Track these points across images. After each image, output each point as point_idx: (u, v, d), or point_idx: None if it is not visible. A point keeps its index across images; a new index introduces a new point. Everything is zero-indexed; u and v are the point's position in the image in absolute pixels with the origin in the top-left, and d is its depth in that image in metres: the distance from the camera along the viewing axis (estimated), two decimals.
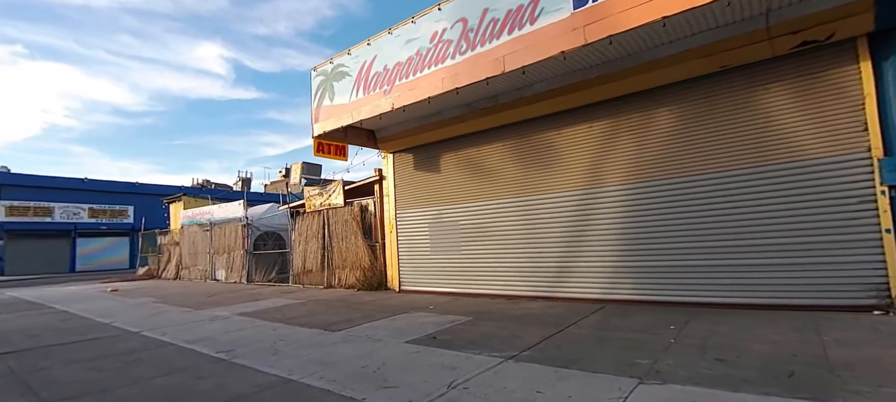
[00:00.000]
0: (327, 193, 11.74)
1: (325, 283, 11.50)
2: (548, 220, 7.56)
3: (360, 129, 9.86)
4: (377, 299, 8.85)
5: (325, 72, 8.83)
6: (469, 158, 8.75)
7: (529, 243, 7.77)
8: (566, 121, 7.34)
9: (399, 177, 10.12)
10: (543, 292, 7.54)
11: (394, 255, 10.08)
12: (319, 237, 11.93)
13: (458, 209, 8.89)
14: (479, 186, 8.54)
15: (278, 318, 7.20)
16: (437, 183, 9.31)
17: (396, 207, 10.10)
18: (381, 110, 7.60)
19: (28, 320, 8.20)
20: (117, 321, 7.59)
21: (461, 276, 8.72)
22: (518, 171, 7.98)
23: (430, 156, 9.47)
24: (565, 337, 4.96)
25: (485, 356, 4.37)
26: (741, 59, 5.60)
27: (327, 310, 7.75)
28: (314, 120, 9.12)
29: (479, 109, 8.14)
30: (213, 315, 7.81)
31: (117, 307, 9.61)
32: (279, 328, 6.32)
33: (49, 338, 6.40)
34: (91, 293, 13.26)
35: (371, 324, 6.34)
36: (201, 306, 9.19)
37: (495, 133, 8.25)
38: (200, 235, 16.71)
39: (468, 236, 8.66)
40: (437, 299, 8.38)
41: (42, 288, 16.21)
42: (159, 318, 7.82)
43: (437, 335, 5.36)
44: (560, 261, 7.39)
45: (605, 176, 6.96)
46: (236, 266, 14.73)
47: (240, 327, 6.55)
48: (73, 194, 32.22)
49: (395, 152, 10.15)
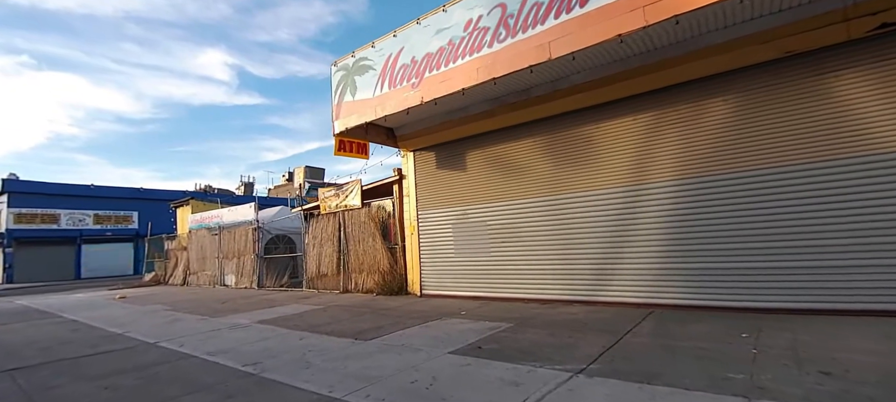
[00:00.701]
0: (344, 194, 11.32)
1: (341, 288, 11.06)
2: (585, 219, 7.10)
3: (380, 126, 9.45)
4: (401, 304, 8.40)
5: (347, 66, 8.42)
6: (497, 156, 8.31)
7: (564, 244, 7.31)
8: (606, 114, 6.89)
9: (420, 176, 9.69)
10: (581, 295, 7.07)
11: (415, 258, 9.63)
12: (335, 240, 11.50)
13: (484, 209, 8.45)
14: (508, 185, 8.10)
15: (301, 326, 6.76)
16: (462, 182, 8.87)
17: (418, 207, 9.66)
18: (408, 104, 7.18)
19: (38, 331, 7.80)
20: (131, 331, 7.16)
21: (489, 279, 8.27)
22: (551, 168, 7.54)
23: (453, 154, 9.03)
24: (627, 347, 4.50)
25: (547, 369, 3.91)
26: (809, 44, 5.14)
27: (352, 317, 7.31)
28: (335, 117, 8.71)
29: (509, 103, 7.71)
30: (232, 323, 7.37)
31: (128, 316, 9.20)
32: (306, 338, 5.88)
33: (60, 351, 5.98)
34: (99, 301, 12.87)
35: (403, 332, 5.89)
36: (216, 313, 8.76)
37: (526, 128, 7.81)
38: (209, 239, 16.32)
39: (496, 237, 8.21)
40: (465, 303, 7.93)
41: (50, 296, 15.84)
42: (174, 327, 7.39)
43: (481, 345, 4.90)
44: (599, 263, 6.93)
45: (650, 172, 6.50)
46: (246, 271, 14.31)
47: (263, 337, 6.11)
48: (79, 201, 31.98)
49: (416, 151, 9.73)
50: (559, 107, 7.20)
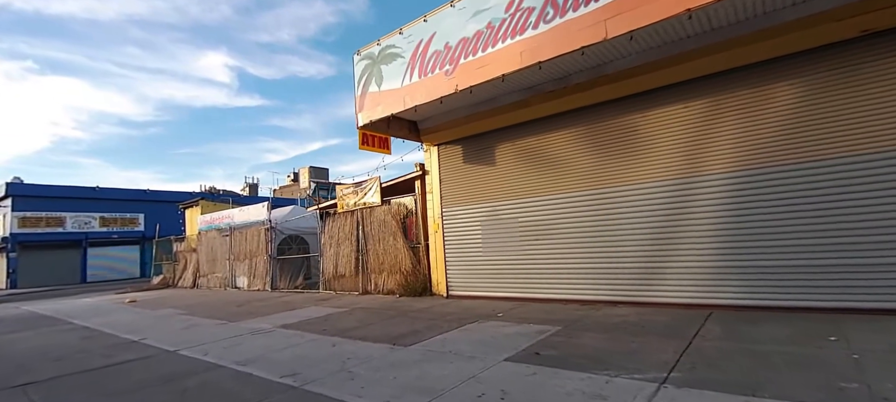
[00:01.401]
0: (362, 192, 10.90)
1: (360, 289, 10.64)
2: (630, 214, 6.67)
3: (403, 120, 9.02)
4: (428, 306, 7.98)
5: (371, 55, 8.00)
6: (530, 148, 7.88)
7: (607, 241, 6.88)
8: (654, 101, 6.45)
9: (445, 171, 9.26)
10: (625, 296, 6.64)
11: (439, 257, 9.21)
12: (353, 239, 11.09)
13: (516, 205, 8.01)
14: (543, 179, 7.67)
15: (329, 330, 6.34)
16: (491, 177, 8.44)
17: (442, 204, 9.24)
18: (441, 93, 6.75)
19: (48, 339, 7.40)
20: (148, 338, 6.76)
21: (522, 279, 7.84)
22: (592, 160, 7.10)
23: (482, 147, 8.60)
24: (703, 352, 4.06)
25: (625, 378, 3.49)
26: (891, 21, 4.70)
27: (381, 320, 6.89)
28: (358, 109, 8.29)
29: (546, 92, 7.27)
30: (253, 328, 6.96)
31: (142, 321, 8.80)
32: (340, 344, 5.46)
33: (75, 362, 5.57)
34: (108, 306, 12.48)
35: (443, 336, 5.47)
36: (234, 317, 8.36)
37: (564, 119, 7.38)
38: (219, 240, 15.92)
39: (530, 235, 7.78)
40: (498, 305, 7.50)
41: (56, 301, 15.47)
42: (193, 333, 6.98)
43: (538, 351, 4.47)
44: (645, 261, 6.50)
45: (703, 163, 6.06)
46: (259, 273, 13.91)
47: (291, 343, 5.70)
48: (85, 204, 31.64)
49: (440, 145, 9.30)
50: (602, 95, 6.76)
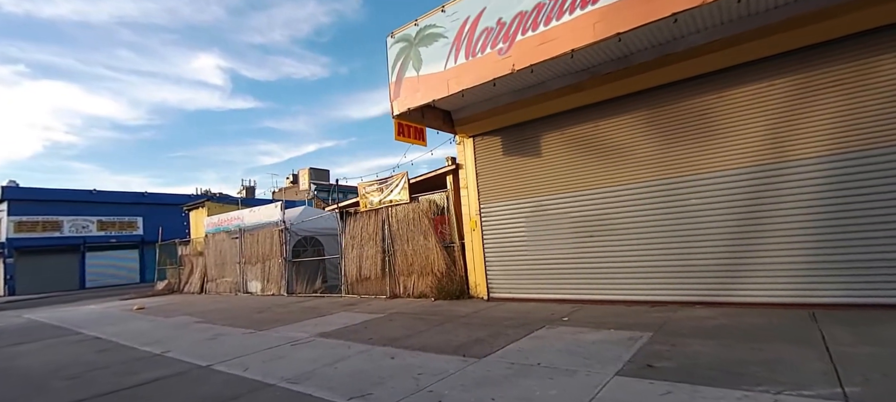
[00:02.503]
0: (388, 189, 10.23)
1: (387, 293, 9.97)
2: (704, 206, 6.04)
3: (436, 109, 8.37)
4: (473, 310, 7.32)
5: (408, 37, 7.33)
6: (583, 136, 7.24)
7: (677, 236, 6.25)
8: (731, 80, 5.83)
9: (482, 165, 8.60)
10: (702, 296, 6.01)
11: (477, 257, 8.55)
12: (378, 240, 10.40)
13: (567, 199, 7.37)
14: (599, 170, 7.03)
15: (376, 339, 5.67)
16: (536, 169, 7.79)
17: (479, 200, 8.58)
18: (494, 74, 6.10)
19: (58, 353, 6.67)
20: (171, 351, 6.06)
21: (576, 279, 7.19)
22: (657, 148, 6.47)
23: (525, 137, 7.95)
24: (856, 360, 3.43)
25: (794, 396, 2.85)
26: None
27: (429, 327, 6.22)
28: (393, 97, 7.62)
29: (602, 74, 6.64)
30: (287, 338, 6.27)
31: (159, 331, 8.08)
32: (397, 355, 4.79)
33: (94, 379, 4.87)
34: (116, 313, 11.73)
35: (516, 346, 4.81)
36: (260, 325, 7.66)
37: (622, 103, 6.75)
38: (229, 243, 15.18)
39: (584, 231, 7.14)
40: (552, 308, 6.85)
41: (58, 308, 14.67)
42: (222, 344, 6.29)
43: (650, 363, 3.82)
44: (726, 257, 5.87)
45: (795, 147, 5.44)
46: (273, 276, 13.19)
47: (340, 355, 5.02)
48: (82, 207, 30.76)
49: (477, 136, 8.64)
50: (670, 74, 6.14)
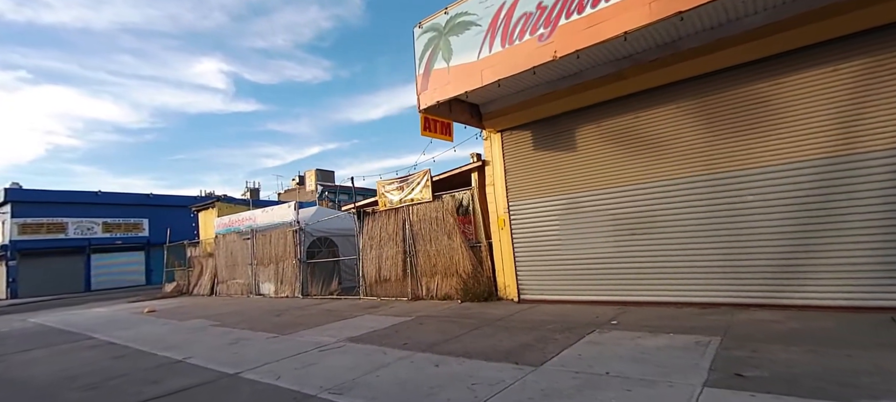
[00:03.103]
0: (409, 187, 9.86)
1: (409, 294, 9.60)
2: (762, 201, 5.66)
3: (463, 103, 8.00)
4: (507, 312, 6.95)
5: (437, 27, 6.97)
6: (622, 129, 6.86)
7: (730, 234, 5.87)
8: (791, 65, 5.46)
9: (511, 160, 8.24)
10: (759, 297, 5.63)
11: (506, 257, 8.18)
12: (398, 240, 10.04)
13: (605, 195, 7.00)
14: (640, 164, 6.65)
15: (413, 345, 5.29)
16: (571, 164, 7.42)
17: (508, 197, 8.21)
18: (534, 62, 5.73)
19: (71, 360, 6.31)
20: (193, 357, 5.69)
21: (616, 280, 6.81)
22: (705, 140, 6.09)
23: (558, 131, 7.59)
24: None
25: None
26: None
27: (464, 330, 5.84)
28: (420, 89, 7.26)
29: (646, 62, 6.26)
30: (315, 342, 5.91)
31: (175, 335, 7.72)
32: (444, 363, 4.42)
33: (115, 390, 4.51)
34: (126, 317, 11.38)
35: (572, 352, 4.43)
36: (281, 328, 7.29)
37: (667, 92, 6.38)
38: (240, 244, 14.83)
39: (626, 229, 6.76)
40: (592, 310, 6.48)
41: (65, 311, 14.34)
42: (245, 349, 5.92)
43: (738, 371, 3.44)
44: (786, 256, 5.49)
45: (866, 136, 5.06)
46: (287, 278, 12.83)
47: (378, 362, 4.65)
48: (87, 209, 30.51)
49: (505, 131, 8.28)
50: (721, 61, 5.77)
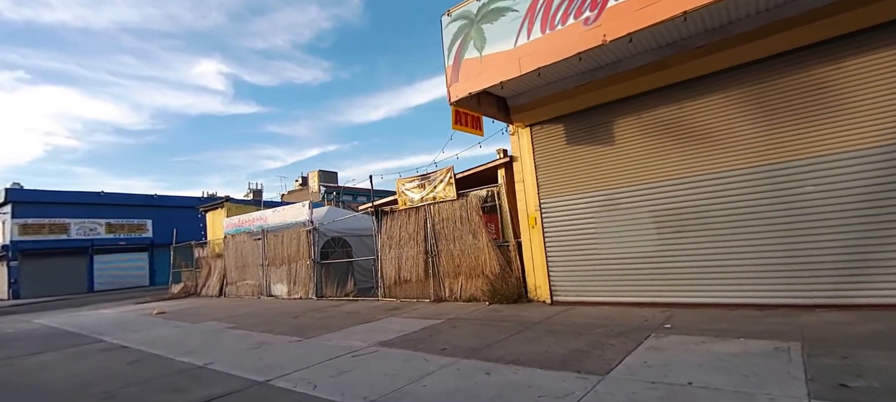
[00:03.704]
0: (431, 185, 9.50)
1: (431, 296, 9.22)
2: (825, 193, 5.29)
3: (491, 96, 7.65)
4: (544, 315, 6.57)
5: (468, 14, 6.61)
6: (665, 120, 6.50)
7: (790, 229, 5.49)
8: (854, 47, 5.09)
9: (542, 156, 7.87)
10: (823, 297, 5.25)
11: (537, 257, 7.80)
12: (419, 240, 9.67)
13: (647, 191, 6.63)
14: (686, 156, 6.29)
15: (451, 350, 4.92)
16: (608, 158, 7.05)
17: (539, 194, 7.84)
18: (581, 48, 5.37)
19: (83, 364, 5.94)
20: (215, 362, 5.32)
21: (663, 280, 6.43)
22: (758, 129, 5.73)
23: (594, 124, 7.22)
24: None
25: None
26: None
27: (504, 334, 5.47)
28: (450, 81, 6.90)
29: (692, 48, 5.92)
30: (344, 347, 5.53)
31: (189, 337, 7.34)
32: (495, 371, 4.04)
33: (134, 400, 4.14)
34: (134, 318, 11.01)
35: (634, 359, 4.06)
36: (303, 331, 6.92)
37: (715, 80, 6.01)
38: (250, 244, 14.47)
39: (670, 226, 6.39)
40: (641, 312, 6.11)
41: (70, 313, 13.97)
42: (270, 354, 5.55)
43: (842, 382, 3.07)
44: (854, 252, 5.11)
45: None
46: (301, 279, 12.46)
47: (420, 369, 4.27)
48: (89, 209, 30.18)
49: (534, 125, 7.92)
50: (775, 45, 5.41)
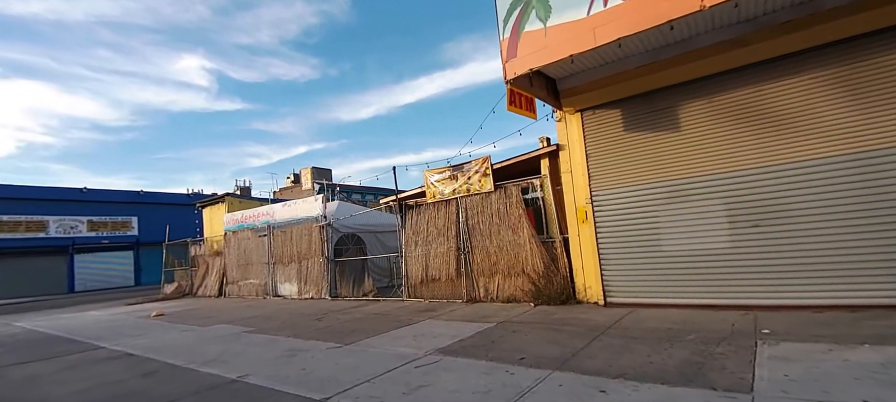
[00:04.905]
0: (464, 176, 8.80)
1: (463, 296, 8.54)
2: None
3: (542, 76, 7.02)
4: (609, 319, 5.95)
5: None
6: (741, 103, 5.94)
7: (887, 223, 4.98)
8: None
9: (594, 144, 7.26)
10: None
11: (588, 254, 7.19)
12: (450, 236, 8.98)
13: (720, 181, 6.06)
14: (764, 144, 5.74)
15: (533, 361, 4.26)
16: (674, 145, 6.47)
17: (591, 186, 7.23)
18: (674, 14, 4.73)
19: (87, 377, 5.09)
20: (250, 375, 4.54)
21: (737, 279, 5.87)
22: (853, 114, 5.20)
23: (656, 108, 6.64)
24: None
25: None
26: None
27: (584, 342, 4.82)
28: (505, 57, 6.24)
29: (777, 24, 5.37)
30: (396, 355, 4.81)
31: (205, 344, 6.50)
32: (612, 390, 3.39)
33: None
34: (132, 321, 10.04)
35: (767, 371, 3.46)
36: (338, 336, 6.15)
37: (799, 60, 5.48)
38: (255, 241, 13.55)
39: (747, 219, 5.83)
40: (718, 316, 5.53)
41: (54, 314, 12.84)
42: (310, 364, 4.79)
43: None
44: None
45: None
46: (312, 278, 11.62)
47: (514, 387, 3.60)
48: (70, 206, 28.56)
49: (586, 110, 7.31)
50: (873, 21, 4.90)
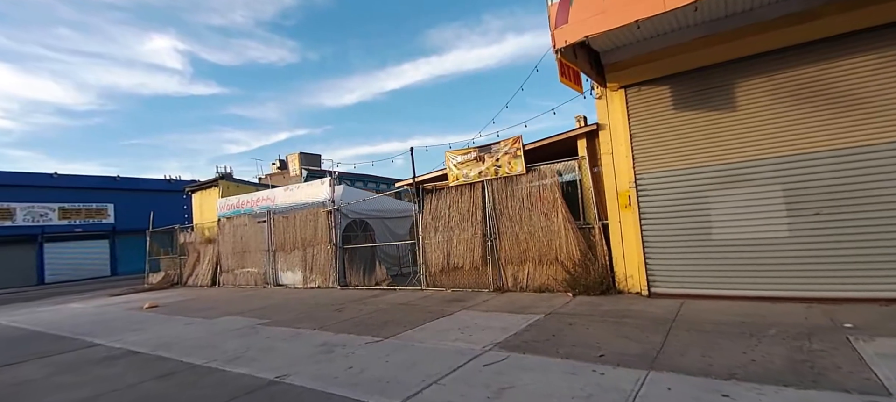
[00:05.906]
0: (492, 157, 8.27)
1: (490, 285, 8.07)
2: None
3: (585, 48, 6.52)
4: (665, 312, 5.57)
5: None
6: (805, 82, 5.59)
7: None
8: None
9: (639, 123, 6.83)
10: None
11: (630, 242, 6.80)
12: (475, 221, 8.46)
13: (779, 165, 5.72)
14: (829, 125, 5.39)
15: (615, 358, 3.83)
16: (728, 125, 6.09)
17: (635, 168, 6.81)
18: None
19: (89, 379, 4.40)
20: (289, 374, 3.96)
21: (798, 270, 5.54)
22: None
23: (709, 85, 6.24)
24: None
25: None
26: None
27: (659, 337, 4.41)
28: (554, 24, 5.70)
29: None
30: (453, 350, 4.30)
31: (217, 338, 5.84)
32: (733, 393, 2.96)
33: None
34: (123, 314, 9.21)
35: (889, 370, 3.10)
36: (371, 329, 5.59)
37: (869, 37, 5.14)
38: (252, 228, 12.73)
39: (809, 206, 5.50)
40: (780, 308, 5.23)
41: (28, 308, 11.78)
42: (357, 362, 4.23)
43: None
44: None
45: None
46: (319, 266, 10.94)
47: (617, 391, 3.15)
48: (39, 192, 26.73)
49: (631, 86, 6.86)
50: None
